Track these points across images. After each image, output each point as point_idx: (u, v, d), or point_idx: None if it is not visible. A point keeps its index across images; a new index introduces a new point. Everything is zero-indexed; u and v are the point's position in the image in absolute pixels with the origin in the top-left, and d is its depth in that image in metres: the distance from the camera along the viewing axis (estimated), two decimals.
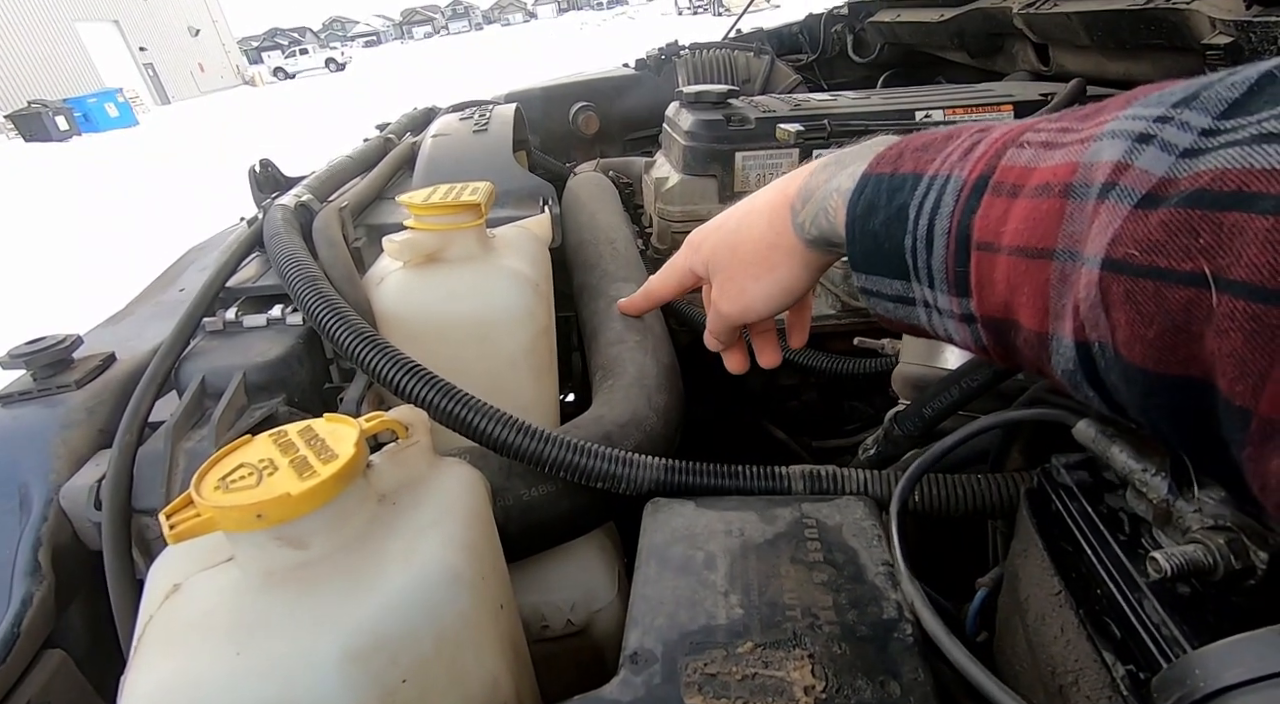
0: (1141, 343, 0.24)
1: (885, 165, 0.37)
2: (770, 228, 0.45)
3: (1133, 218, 0.24)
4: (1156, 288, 0.23)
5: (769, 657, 0.33)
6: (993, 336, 0.32)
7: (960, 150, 0.34)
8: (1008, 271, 0.29)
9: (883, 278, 0.37)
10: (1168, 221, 0.23)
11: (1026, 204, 0.29)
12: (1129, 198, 0.24)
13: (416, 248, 0.59)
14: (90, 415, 0.51)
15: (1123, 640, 0.27)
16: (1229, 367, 0.21)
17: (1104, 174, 0.25)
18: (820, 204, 0.41)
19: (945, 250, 0.32)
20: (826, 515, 0.42)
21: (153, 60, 24.65)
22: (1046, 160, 0.29)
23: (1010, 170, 0.30)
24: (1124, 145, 0.25)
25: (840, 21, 1.77)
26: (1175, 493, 0.27)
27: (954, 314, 0.34)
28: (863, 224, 0.37)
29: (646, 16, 35.85)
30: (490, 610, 0.39)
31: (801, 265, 0.45)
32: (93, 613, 0.48)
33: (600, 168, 1.20)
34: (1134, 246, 0.24)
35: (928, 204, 0.33)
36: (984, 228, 0.31)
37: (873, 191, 0.36)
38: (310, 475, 0.33)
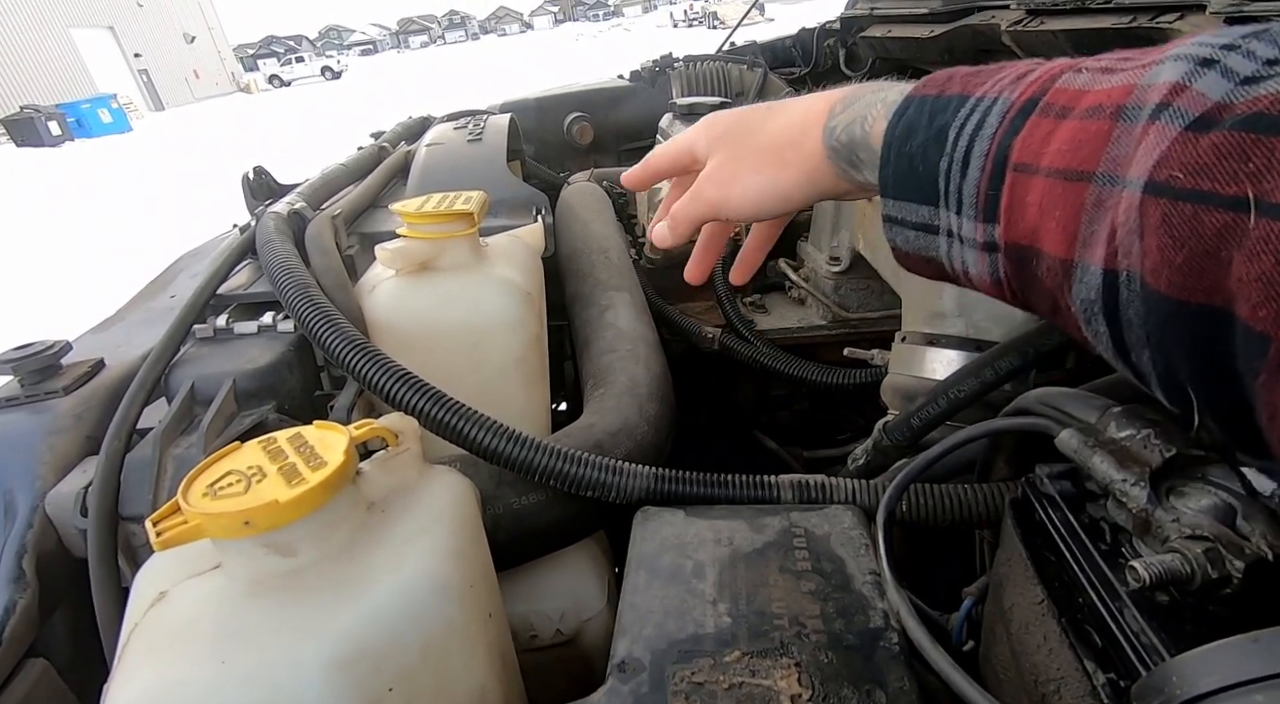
0: (1169, 268, 0.23)
1: (932, 88, 0.35)
2: (798, 125, 0.41)
3: (1182, 140, 0.24)
4: (1195, 211, 0.23)
5: (756, 665, 0.33)
6: (1013, 266, 0.31)
7: (1015, 74, 0.32)
8: (1042, 195, 0.29)
9: (910, 203, 0.35)
10: (1219, 144, 0.22)
11: (1074, 125, 0.28)
12: (1180, 119, 0.24)
13: (409, 256, 0.59)
14: (78, 422, 0.51)
15: (1103, 649, 0.27)
16: (1255, 291, 0.21)
17: (1159, 95, 0.25)
18: (862, 111, 0.38)
19: (980, 172, 0.31)
20: (815, 525, 0.42)
21: (147, 66, 24.63)
22: (1103, 83, 0.28)
23: (1063, 92, 0.29)
24: (1185, 67, 0.25)
25: (832, 36, 1.79)
26: (1154, 502, 0.28)
27: (976, 242, 0.32)
28: (900, 146, 0.35)
29: (642, 29, 36.14)
30: (478, 619, 0.39)
31: (809, 175, 0.41)
32: (76, 621, 0.48)
33: (594, 178, 1.21)
34: (1179, 169, 0.23)
35: (970, 124, 0.32)
36: (1025, 149, 0.30)
37: (915, 113, 0.35)
38: (299, 482, 0.33)
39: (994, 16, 1.18)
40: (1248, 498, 0.27)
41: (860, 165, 0.38)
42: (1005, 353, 0.50)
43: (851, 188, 0.41)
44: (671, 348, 0.76)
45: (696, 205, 0.45)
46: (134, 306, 0.75)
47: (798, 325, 0.93)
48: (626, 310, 0.72)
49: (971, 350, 0.56)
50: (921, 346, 0.59)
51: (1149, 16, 0.83)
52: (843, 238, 0.90)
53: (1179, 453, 0.29)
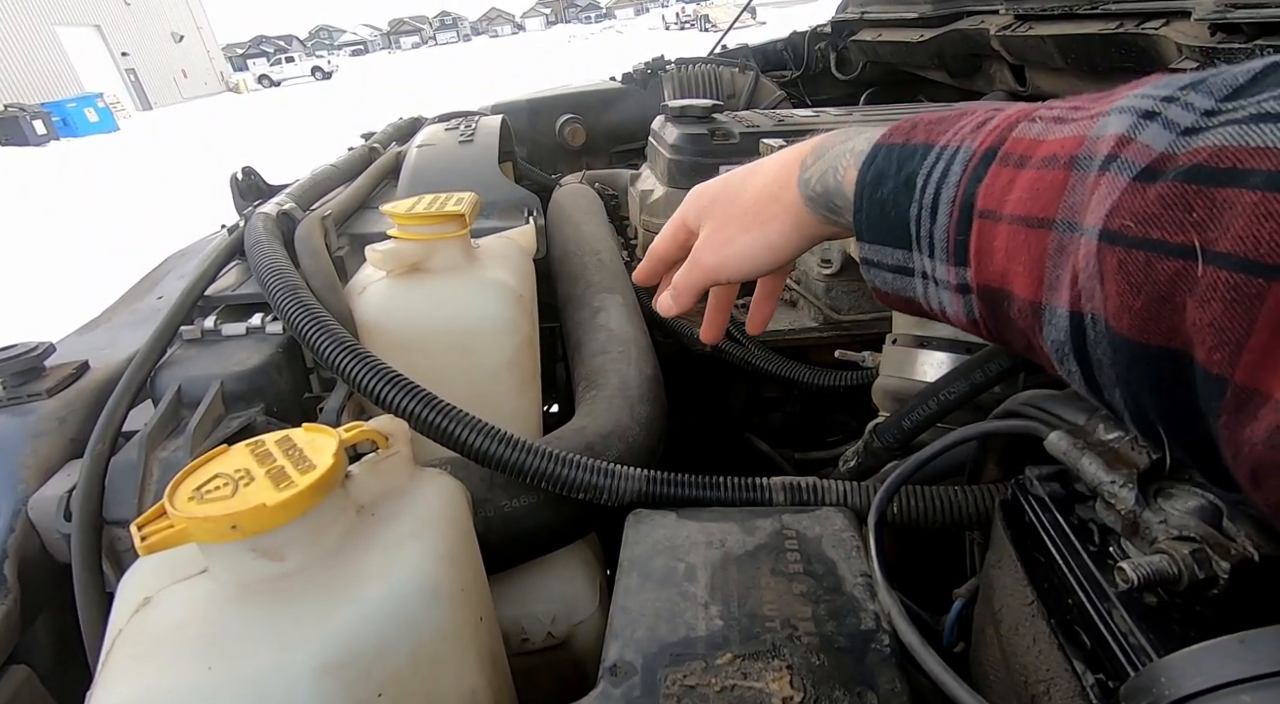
0: (1129, 313, 0.24)
1: (898, 136, 0.37)
2: (775, 180, 0.44)
3: (1131, 190, 0.25)
4: (1148, 259, 0.24)
5: (748, 668, 0.33)
6: (986, 307, 0.32)
7: (974, 123, 0.34)
8: (1007, 240, 0.30)
9: (885, 247, 0.37)
10: (1164, 195, 0.23)
11: (1032, 175, 0.29)
12: (1129, 170, 0.25)
13: (400, 257, 0.58)
14: (61, 424, 0.50)
15: (1092, 649, 0.28)
16: (1208, 336, 0.22)
17: (1107, 146, 0.26)
18: (832, 161, 0.40)
19: (949, 219, 0.33)
20: (806, 527, 0.42)
21: (135, 66, 24.40)
22: (1056, 133, 0.29)
23: (1020, 142, 0.31)
24: (1130, 120, 0.26)
25: (824, 39, 1.80)
26: (1142, 504, 0.28)
27: (950, 284, 0.34)
28: (871, 192, 0.37)
29: (634, 31, 36.20)
30: (469, 623, 0.38)
31: (794, 225, 0.43)
32: (59, 627, 0.47)
33: (586, 180, 1.21)
34: (1130, 218, 0.24)
35: (935, 173, 0.34)
36: (988, 196, 0.31)
37: (884, 161, 0.36)
38: (287, 486, 0.33)
39: (983, 21, 1.19)
40: (1233, 499, 0.27)
41: (839, 211, 0.40)
42: (995, 356, 0.51)
43: (839, 230, 0.42)
44: (663, 350, 0.76)
45: (696, 272, 0.47)
46: (120, 308, 0.74)
47: (789, 327, 0.93)
48: (618, 312, 0.72)
49: (962, 352, 0.56)
50: (912, 349, 0.59)
51: (1135, 22, 0.84)
52: (834, 242, 0.91)
53: (1166, 454, 0.29)
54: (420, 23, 63.63)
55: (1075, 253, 0.27)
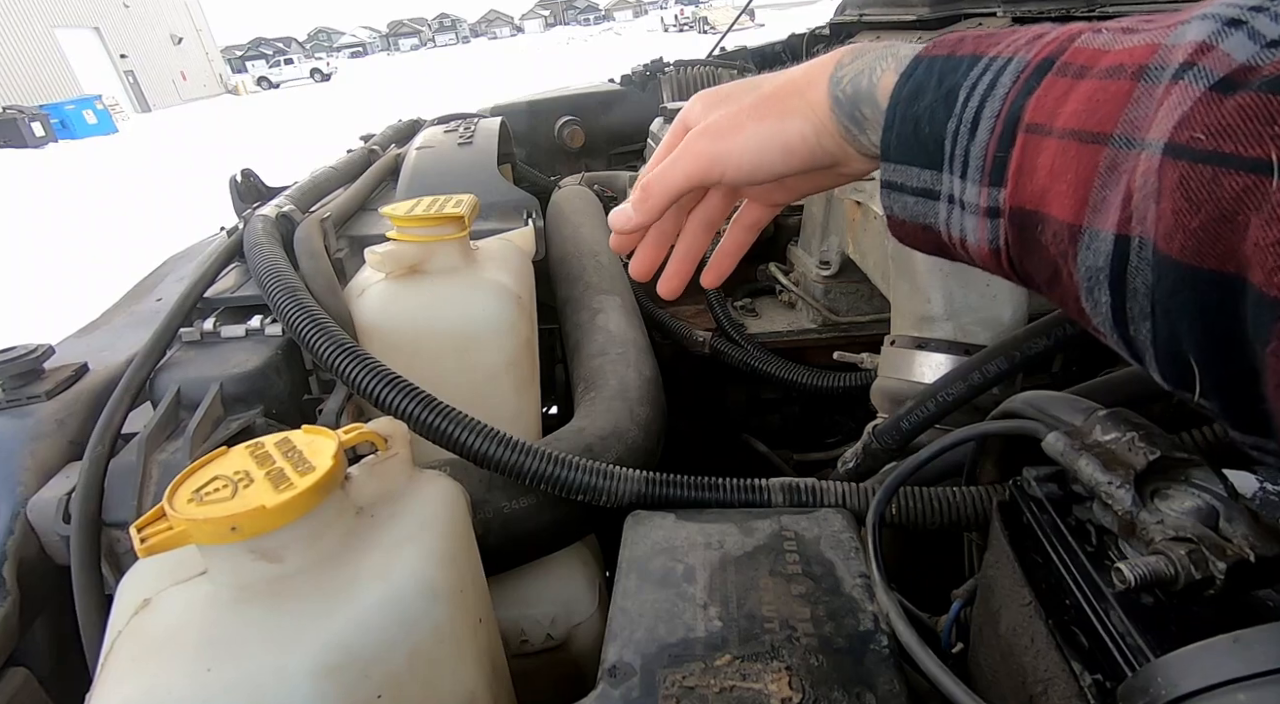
0: (1183, 233, 0.23)
1: (942, 48, 0.33)
2: (803, 74, 0.38)
3: (1205, 100, 0.23)
4: (1214, 174, 0.22)
5: (747, 669, 0.33)
6: (1015, 232, 0.30)
7: (1030, 35, 0.31)
8: (1054, 157, 0.28)
9: (912, 167, 0.33)
10: (1245, 105, 0.22)
11: (1092, 84, 0.27)
12: (1205, 79, 0.23)
13: (399, 259, 0.58)
14: (60, 427, 0.50)
15: (1090, 650, 0.28)
16: (1271, 256, 0.21)
17: (1184, 54, 0.24)
18: (871, 63, 0.36)
19: (990, 134, 0.30)
20: (805, 528, 0.42)
21: (134, 68, 24.40)
22: (1124, 42, 0.27)
23: (1081, 52, 0.28)
24: (1213, 27, 0.24)
25: (822, 42, 1.81)
26: (1139, 505, 0.28)
27: (978, 208, 0.31)
28: (905, 108, 0.33)
29: (633, 33, 36.25)
30: (468, 625, 0.38)
31: (815, 125, 0.37)
32: (58, 629, 0.47)
33: (585, 181, 1.21)
34: (1202, 130, 0.23)
35: (982, 84, 0.31)
36: (1038, 108, 0.28)
37: (924, 73, 0.33)
38: (287, 488, 0.33)
39: (981, 24, 1.20)
40: (1230, 500, 0.28)
41: (863, 123, 0.36)
42: (993, 356, 0.51)
43: (851, 153, 0.38)
44: (662, 351, 0.76)
45: (683, 163, 0.39)
46: (119, 310, 0.74)
47: (788, 329, 0.93)
48: (617, 314, 0.72)
49: (960, 354, 0.57)
50: (910, 350, 0.60)
51: None
52: (832, 242, 0.91)
53: (1163, 455, 0.29)
54: (419, 25, 63.69)
55: (1132, 170, 0.25)
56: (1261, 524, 0.27)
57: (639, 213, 0.41)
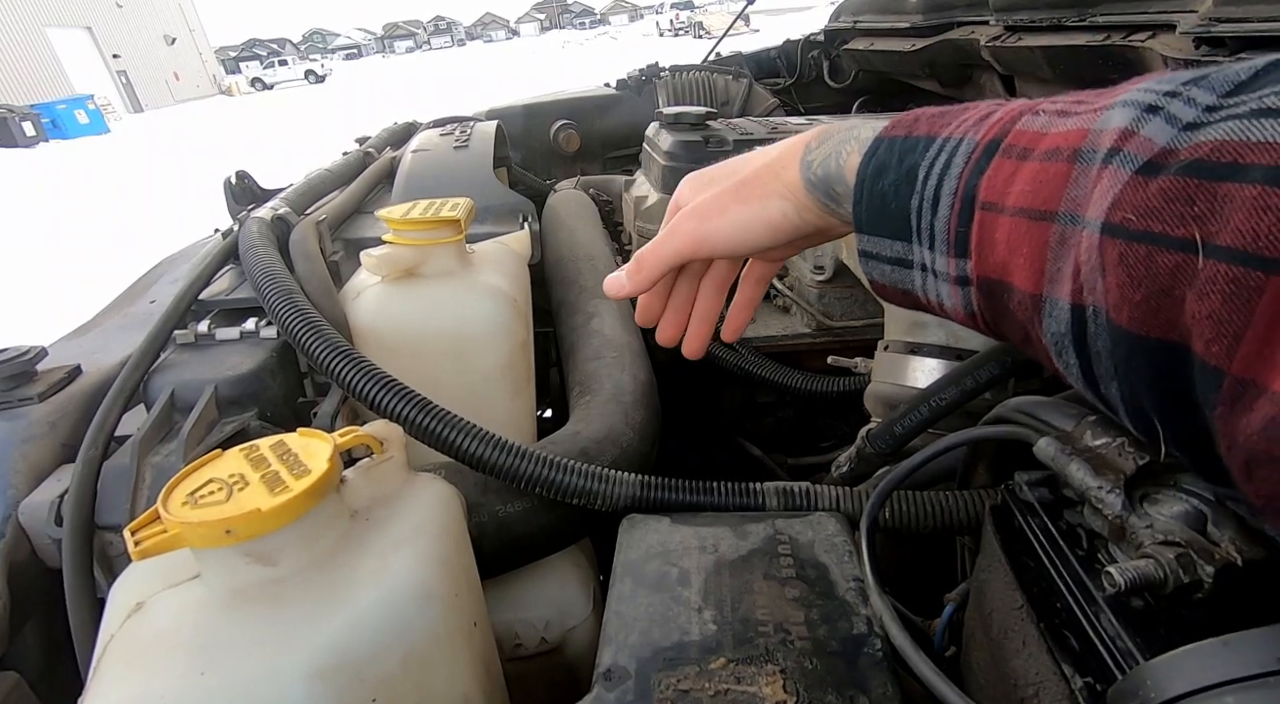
0: (1129, 306, 0.25)
1: (900, 129, 0.36)
2: (778, 159, 0.41)
3: (1133, 184, 0.25)
4: (1149, 252, 0.24)
5: (741, 672, 0.33)
6: (985, 299, 0.32)
7: (977, 116, 0.34)
8: (1009, 232, 0.30)
9: (884, 239, 0.36)
10: (1166, 189, 0.24)
11: (1035, 166, 0.29)
12: (1131, 164, 0.25)
13: (395, 262, 0.58)
14: (52, 429, 0.50)
15: (1081, 653, 0.28)
16: (1206, 328, 0.22)
17: (1110, 140, 0.26)
18: (836, 146, 0.39)
19: (950, 210, 0.32)
20: (799, 532, 0.43)
21: (126, 68, 24.27)
22: (1059, 126, 0.29)
23: (1023, 134, 0.31)
24: (1133, 114, 0.26)
25: (817, 48, 1.82)
26: (1128, 509, 0.29)
27: (950, 276, 0.33)
28: (871, 185, 0.36)
29: (628, 37, 36.34)
30: (463, 628, 0.38)
31: (795, 204, 0.40)
32: (49, 633, 0.47)
33: (581, 185, 1.21)
34: (1132, 211, 0.24)
35: (938, 164, 0.33)
36: (990, 188, 0.31)
37: (885, 153, 0.36)
38: (282, 491, 0.33)
39: (974, 32, 1.21)
40: (1217, 504, 0.28)
41: (838, 199, 0.39)
42: (985, 362, 0.51)
43: (834, 222, 0.41)
44: (657, 355, 0.77)
45: (673, 241, 0.42)
46: (112, 312, 0.73)
47: (782, 333, 0.94)
48: (612, 318, 0.72)
49: (952, 359, 0.57)
50: (903, 355, 0.60)
51: (1122, 35, 0.85)
52: (826, 247, 0.91)
53: (1152, 460, 0.29)
54: (414, 27, 63.68)
55: (1078, 245, 0.27)
56: (1248, 528, 0.27)
57: (632, 283, 0.44)
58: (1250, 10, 0.65)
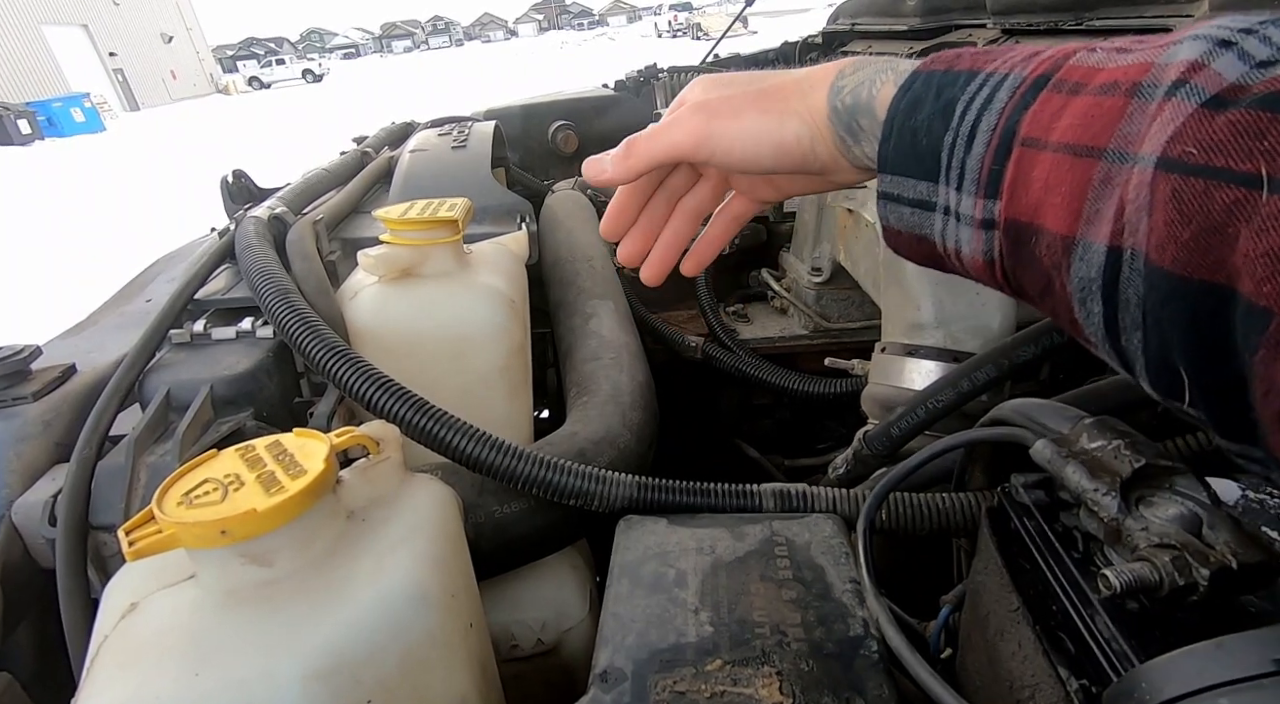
0: (1175, 244, 0.24)
1: (940, 63, 0.34)
2: (805, 79, 0.38)
3: (1198, 116, 0.24)
4: (1206, 187, 0.23)
5: (738, 674, 0.33)
6: (1010, 244, 0.30)
7: (1026, 53, 0.32)
8: (1048, 170, 0.28)
9: (909, 179, 0.34)
10: (1235, 121, 0.23)
11: (1087, 101, 0.28)
12: (1197, 96, 0.24)
13: (392, 262, 0.58)
14: (47, 428, 0.49)
15: (1076, 655, 0.28)
16: (1260, 267, 0.21)
17: (1176, 72, 0.25)
18: (871, 75, 0.36)
19: (986, 147, 0.31)
20: (796, 533, 0.43)
21: (123, 66, 24.19)
22: (1118, 61, 0.28)
23: (1076, 69, 0.29)
24: (1204, 47, 0.25)
25: (815, 50, 1.82)
26: (1124, 511, 0.29)
27: (974, 220, 0.32)
28: (903, 120, 0.34)
29: (626, 38, 36.36)
30: (459, 629, 0.38)
31: (812, 128, 0.38)
32: (42, 634, 0.47)
33: (578, 186, 1.21)
34: (1194, 145, 0.24)
35: (979, 99, 0.31)
36: (1034, 123, 0.29)
37: (921, 87, 0.34)
38: (278, 491, 0.33)
39: (971, 35, 1.21)
40: (1213, 507, 0.28)
41: (859, 134, 0.36)
42: (982, 364, 0.51)
43: (843, 164, 0.38)
44: (654, 357, 0.77)
45: (672, 133, 0.38)
46: (107, 311, 0.73)
47: (780, 335, 0.94)
48: (610, 319, 0.72)
49: (949, 361, 0.57)
50: (901, 357, 0.60)
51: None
52: (824, 249, 0.91)
53: (1148, 463, 0.29)
54: (412, 27, 63.61)
55: (1125, 183, 0.26)
56: (1243, 531, 0.27)
57: (616, 169, 0.40)
58: None
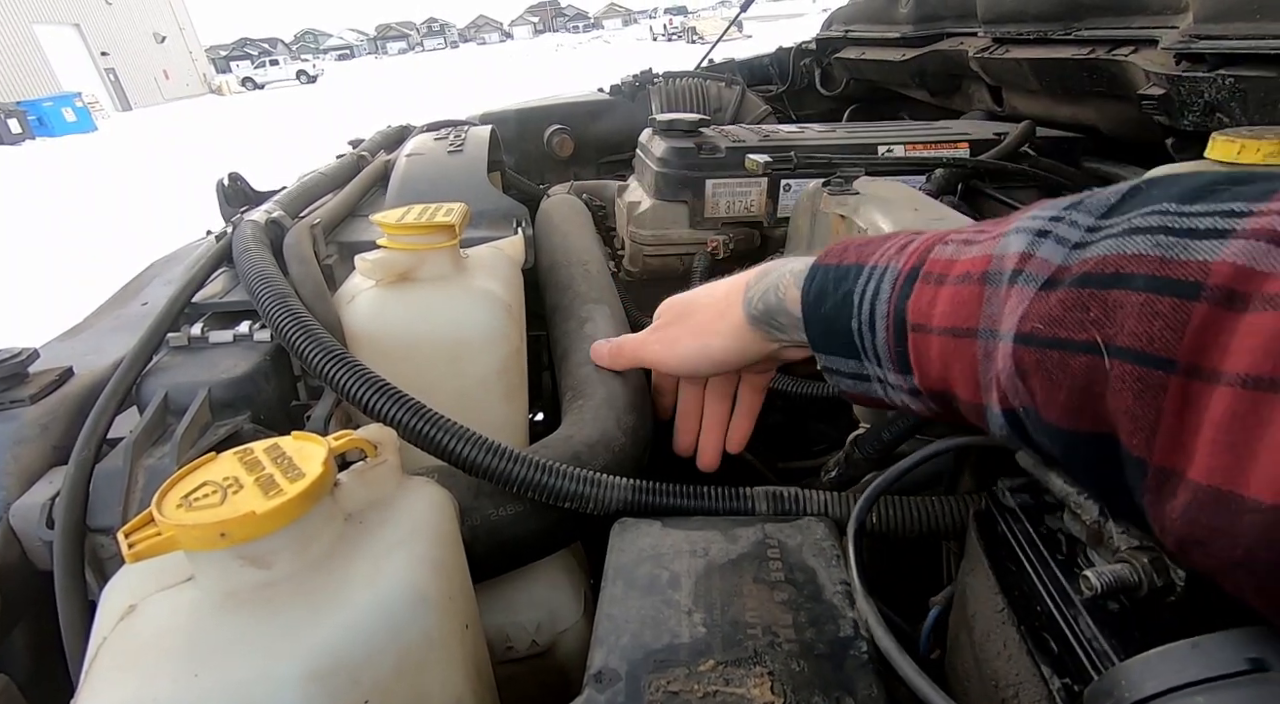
0: (1055, 405, 0.28)
1: (832, 258, 0.42)
2: (723, 299, 0.50)
3: (1037, 298, 0.28)
4: (1061, 357, 0.27)
5: (730, 674, 0.34)
6: (939, 405, 0.36)
7: (896, 246, 0.39)
8: (940, 350, 0.34)
9: (838, 357, 0.41)
10: (1064, 300, 0.27)
11: (951, 290, 0.33)
12: (1034, 281, 0.29)
13: (389, 267, 0.59)
14: (44, 431, 0.49)
15: (1059, 655, 0.29)
16: (1125, 421, 0.25)
17: (1012, 262, 0.30)
18: (773, 281, 0.46)
19: (886, 332, 0.37)
20: (788, 536, 0.43)
21: (115, 65, 24.05)
22: (966, 254, 0.34)
23: (937, 262, 0.35)
24: (1027, 239, 0.30)
25: (808, 56, 1.84)
26: (1105, 515, 0.29)
27: (903, 388, 0.38)
28: (815, 309, 0.41)
29: (621, 41, 36.41)
30: (456, 631, 0.39)
31: (737, 341, 0.49)
32: (38, 636, 0.47)
33: (574, 190, 1.22)
34: (1039, 322, 0.28)
35: (869, 291, 0.38)
36: (916, 311, 0.35)
37: (822, 279, 0.41)
38: (276, 494, 0.33)
39: (963, 43, 1.23)
40: None
41: (782, 328, 0.46)
42: None
43: (778, 347, 0.48)
44: None
45: (640, 352, 0.56)
46: (104, 313, 0.73)
47: None
48: (605, 323, 0.73)
49: None
50: None
51: (1106, 49, 0.87)
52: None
53: None
54: (407, 28, 63.51)
55: (999, 356, 0.30)
56: None
57: (611, 361, 0.59)
58: (1229, 28, 0.67)
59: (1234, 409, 0.21)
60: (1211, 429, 0.22)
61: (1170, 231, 0.25)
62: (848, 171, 0.76)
